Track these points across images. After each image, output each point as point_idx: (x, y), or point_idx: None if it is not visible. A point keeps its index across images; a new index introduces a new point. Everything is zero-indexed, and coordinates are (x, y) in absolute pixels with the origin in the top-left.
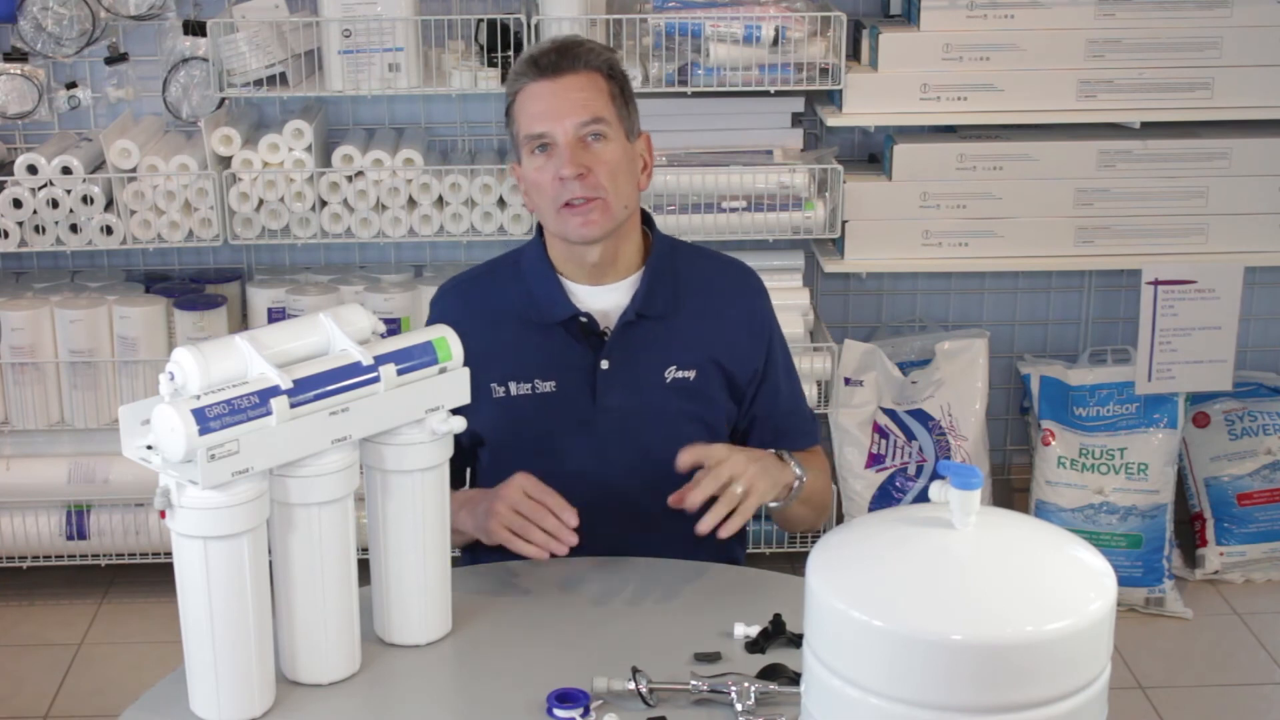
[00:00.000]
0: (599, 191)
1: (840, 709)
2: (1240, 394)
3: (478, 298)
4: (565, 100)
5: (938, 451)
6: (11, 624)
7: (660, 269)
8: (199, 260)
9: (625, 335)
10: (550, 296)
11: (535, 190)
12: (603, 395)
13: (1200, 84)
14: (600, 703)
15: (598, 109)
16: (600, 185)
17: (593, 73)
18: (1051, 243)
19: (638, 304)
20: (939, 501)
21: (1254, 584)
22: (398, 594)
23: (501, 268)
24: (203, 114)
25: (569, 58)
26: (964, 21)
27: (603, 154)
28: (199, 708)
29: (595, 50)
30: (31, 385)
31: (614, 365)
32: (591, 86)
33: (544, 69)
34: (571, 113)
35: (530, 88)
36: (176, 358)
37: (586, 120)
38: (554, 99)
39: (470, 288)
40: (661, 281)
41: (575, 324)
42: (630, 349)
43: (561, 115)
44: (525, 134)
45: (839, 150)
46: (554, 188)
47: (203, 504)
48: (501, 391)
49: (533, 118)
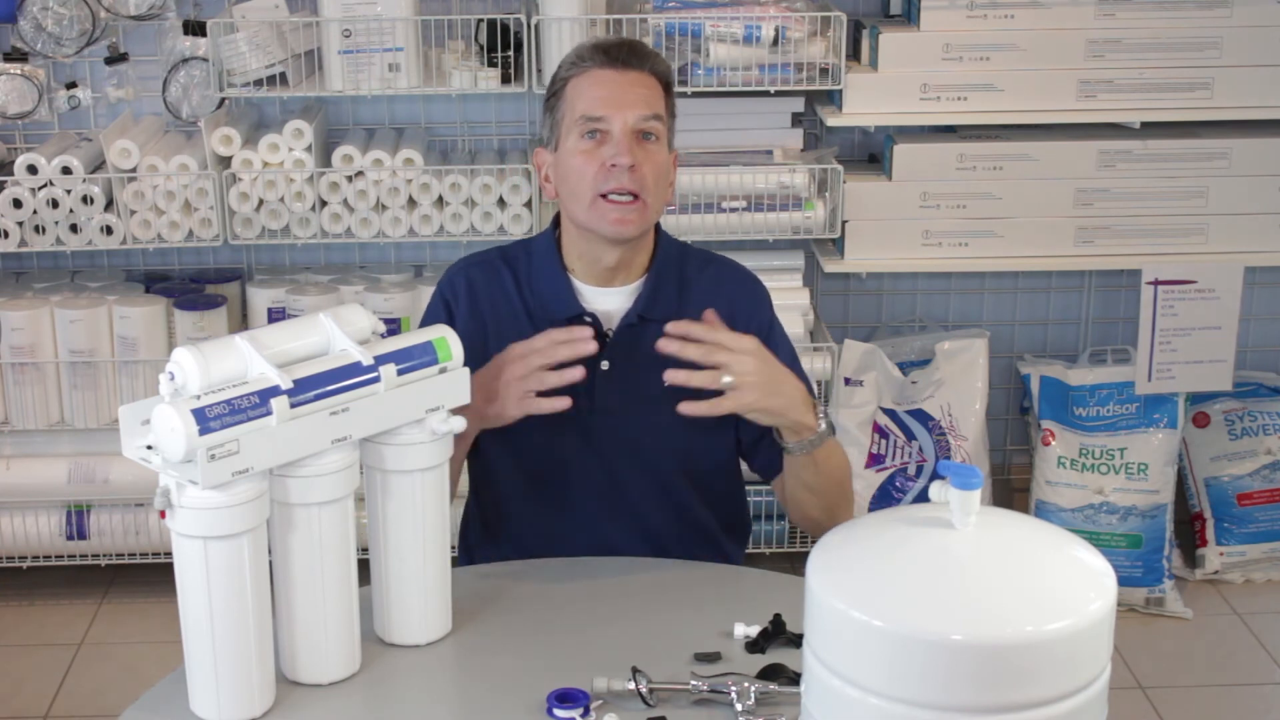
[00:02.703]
0: (643, 189)
1: (840, 709)
2: (1240, 394)
3: (485, 284)
4: (630, 92)
5: (938, 451)
6: (11, 624)
7: (665, 272)
8: (199, 260)
9: (627, 337)
10: (557, 293)
11: (573, 175)
12: (601, 396)
13: (1200, 84)
14: (600, 703)
15: (657, 107)
16: (645, 184)
17: (655, 77)
18: (1051, 243)
19: (640, 306)
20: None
21: (1254, 584)
22: (398, 594)
23: (512, 256)
24: (203, 114)
25: (639, 56)
26: (964, 21)
27: (653, 153)
28: (199, 708)
29: (660, 59)
30: (31, 385)
31: (614, 367)
32: (654, 91)
33: (614, 58)
34: (634, 105)
35: (596, 73)
36: (176, 358)
37: (647, 115)
38: (619, 88)
39: (479, 273)
40: (666, 285)
41: (579, 323)
42: (631, 351)
43: (624, 105)
44: (582, 114)
45: (839, 150)
46: (598, 174)
47: (203, 504)
48: None
49: (594, 100)
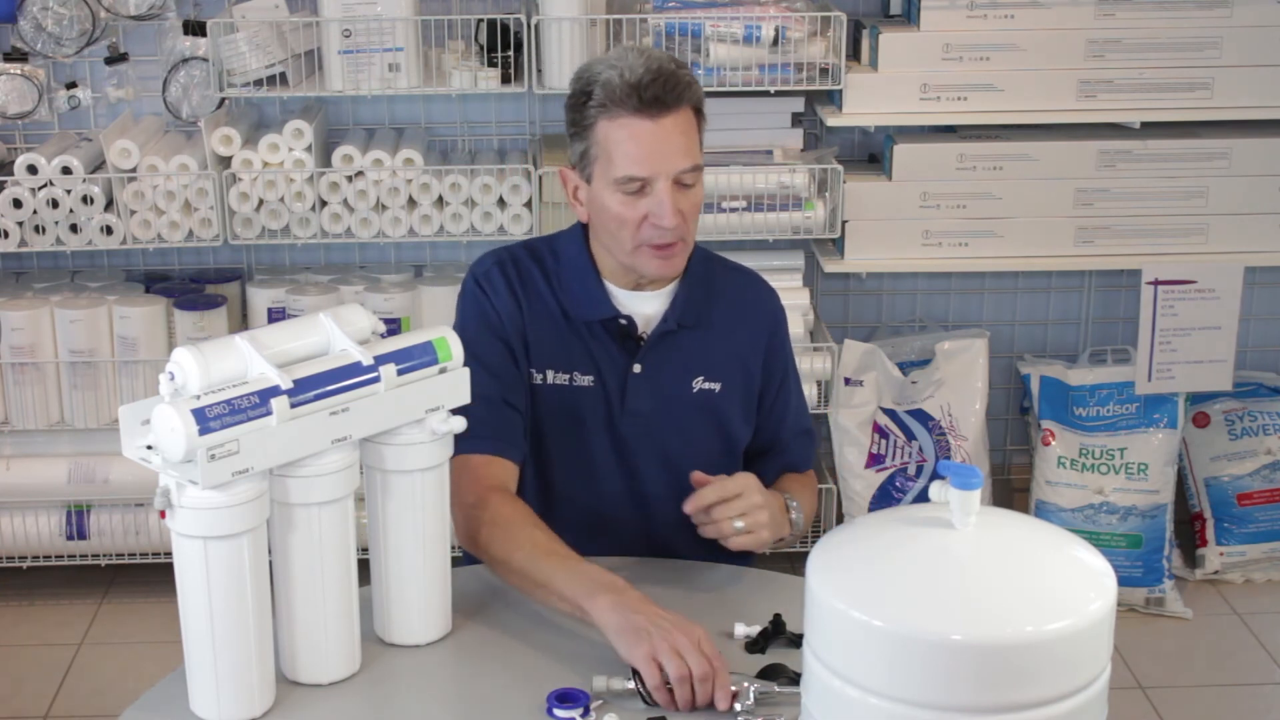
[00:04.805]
0: (685, 235)
1: (840, 709)
2: (1240, 394)
3: (519, 277)
4: (668, 145)
5: (938, 451)
6: (11, 624)
7: (696, 279)
8: (199, 260)
9: (661, 342)
10: (591, 296)
11: (613, 222)
12: (631, 398)
13: (1200, 84)
14: (600, 703)
15: (696, 156)
16: (687, 229)
17: (688, 109)
18: (1051, 243)
19: (677, 313)
20: (939, 501)
21: (1254, 584)
22: (398, 594)
23: (540, 254)
24: (203, 114)
25: (672, 94)
26: (964, 21)
27: (693, 196)
28: (199, 708)
29: (691, 84)
30: (31, 385)
31: (646, 370)
32: (690, 127)
33: (647, 104)
34: (674, 159)
35: (631, 123)
36: (176, 358)
37: (688, 169)
38: (656, 142)
39: (513, 267)
40: (697, 292)
41: (614, 325)
42: (663, 356)
43: (664, 160)
44: (622, 174)
45: (839, 150)
46: (642, 229)
47: (203, 504)
48: (539, 378)
49: (633, 160)
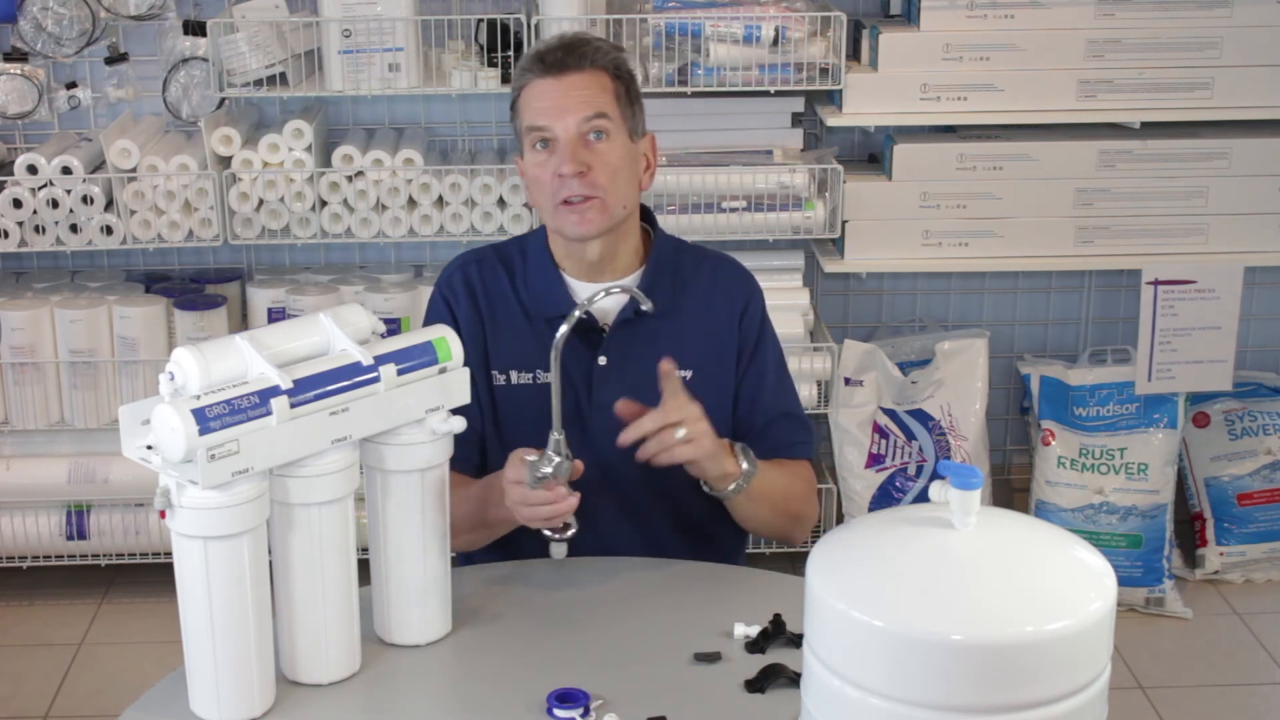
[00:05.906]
0: (597, 190)
1: (840, 709)
2: (1240, 394)
3: (482, 281)
4: (568, 98)
5: (938, 451)
6: (11, 624)
7: (660, 268)
8: (199, 260)
9: (623, 333)
10: (549, 290)
11: (535, 185)
12: (598, 391)
13: (1200, 84)
14: (600, 703)
15: (600, 106)
16: (599, 184)
17: (598, 71)
18: (1051, 243)
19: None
20: (939, 501)
21: (1254, 584)
22: (398, 594)
23: (507, 254)
24: (203, 114)
25: (575, 55)
26: (964, 21)
27: (603, 152)
28: (199, 708)
29: (602, 49)
30: (31, 385)
31: (611, 362)
32: (596, 85)
33: (549, 66)
34: (574, 110)
35: (535, 84)
36: (176, 358)
37: (588, 117)
38: (557, 96)
39: (476, 270)
40: (661, 280)
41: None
42: (628, 347)
43: (564, 112)
44: (527, 126)
45: (839, 150)
46: (553, 184)
47: (203, 504)
48: (502, 379)
49: (536, 112)
